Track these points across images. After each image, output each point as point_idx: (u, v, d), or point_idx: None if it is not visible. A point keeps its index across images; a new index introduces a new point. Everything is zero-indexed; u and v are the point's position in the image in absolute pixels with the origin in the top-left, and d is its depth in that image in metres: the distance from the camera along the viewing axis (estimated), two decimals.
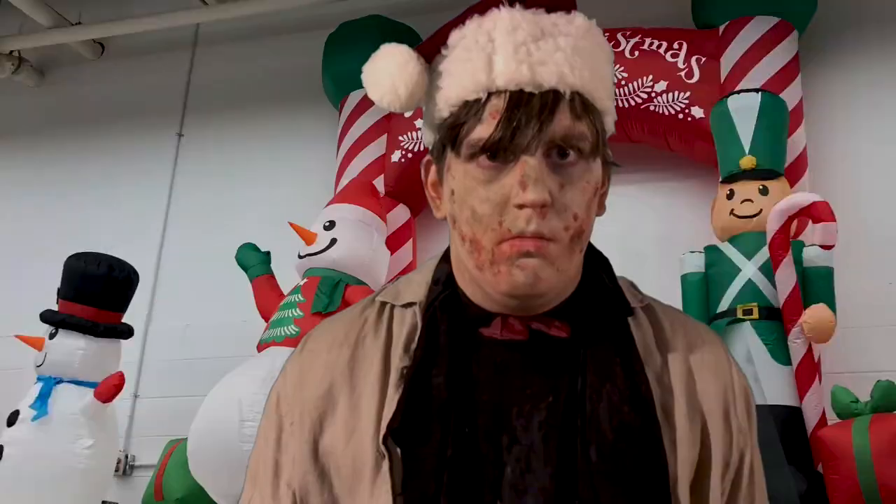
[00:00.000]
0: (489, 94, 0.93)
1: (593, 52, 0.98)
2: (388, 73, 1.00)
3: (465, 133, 0.94)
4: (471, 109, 0.94)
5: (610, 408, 0.93)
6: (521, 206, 0.91)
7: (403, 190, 4.31)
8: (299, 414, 1.01)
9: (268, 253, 4.08)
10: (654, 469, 0.92)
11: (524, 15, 0.96)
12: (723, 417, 1.01)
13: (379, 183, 4.31)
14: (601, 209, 1.01)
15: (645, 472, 0.91)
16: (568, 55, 0.94)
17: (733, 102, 3.57)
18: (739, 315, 3.34)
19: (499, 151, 0.92)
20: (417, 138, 4.28)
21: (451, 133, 0.96)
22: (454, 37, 0.98)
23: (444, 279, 1.03)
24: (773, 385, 3.22)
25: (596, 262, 1.04)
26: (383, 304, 1.05)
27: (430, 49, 1.01)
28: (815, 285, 3.35)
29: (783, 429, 3.12)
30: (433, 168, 1.03)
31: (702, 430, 0.99)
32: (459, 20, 0.99)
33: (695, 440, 0.98)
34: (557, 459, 0.92)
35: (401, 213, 4.35)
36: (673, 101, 3.87)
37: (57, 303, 3.86)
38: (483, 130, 0.92)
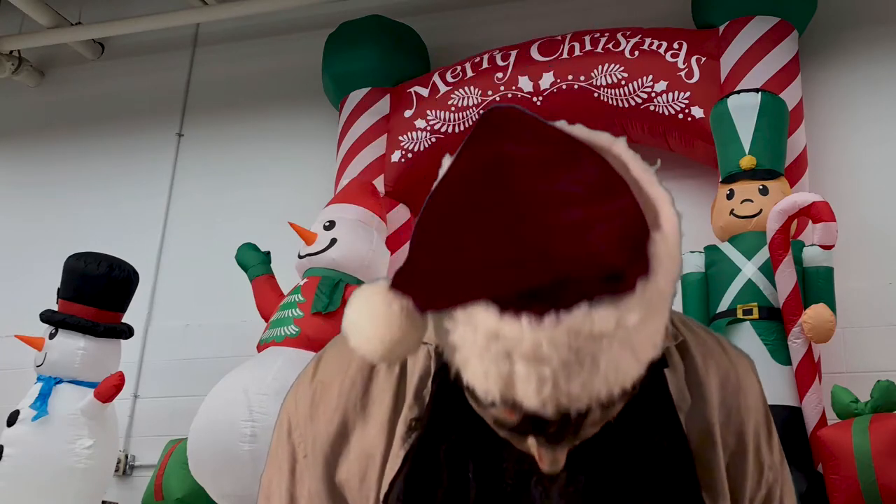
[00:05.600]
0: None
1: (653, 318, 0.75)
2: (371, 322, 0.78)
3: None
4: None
5: (646, 464, 0.89)
6: None
7: (403, 190, 4.31)
8: (312, 447, 1.00)
9: (268, 253, 4.08)
10: None
11: (552, 336, 0.69)
12: (754, 454, 1.00)
13: (379, 183, 4.31)
14: None
15: None
16: (611, 378, 0.72)
17: (733, 102, 3.57)
18: (739, 315, 3.34)
19: None
20: (417, 138, 4.27)
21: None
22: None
23: None
24: (773, 385, 3.22)
25: None
26: None
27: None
28: (815, 285, 3.35)
29: (783, 429, 3.10)
30: None
31: (733, 468, 0.98)
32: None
33: (725, 480, 0.97)
34: None
35: (401, 213, 4.35)
36: (673, 101, 3.86)
37: (57, 303, 3.86)
38: (499, 412, 0.78)
